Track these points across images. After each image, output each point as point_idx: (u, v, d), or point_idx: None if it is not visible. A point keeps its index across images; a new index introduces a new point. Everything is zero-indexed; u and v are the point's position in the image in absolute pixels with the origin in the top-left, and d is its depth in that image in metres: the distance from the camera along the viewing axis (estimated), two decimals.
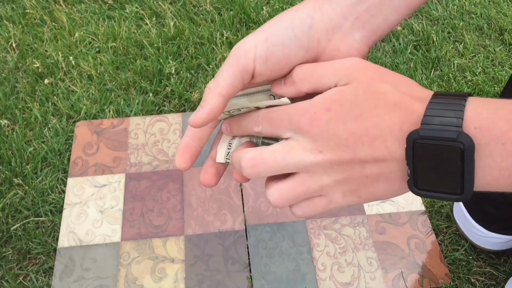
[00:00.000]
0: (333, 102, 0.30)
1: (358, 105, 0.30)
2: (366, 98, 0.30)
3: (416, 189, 0.30)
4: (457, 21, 1.27)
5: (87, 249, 0.85)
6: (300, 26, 0.33)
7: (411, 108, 0.29)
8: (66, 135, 1.00)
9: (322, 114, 0.30)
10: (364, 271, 0.84)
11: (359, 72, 0.31)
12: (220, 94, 0.32)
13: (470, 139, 0.27)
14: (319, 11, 0.34)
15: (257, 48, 0.33)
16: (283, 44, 0.33)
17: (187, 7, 1.27)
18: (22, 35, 1.18)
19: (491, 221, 0.82)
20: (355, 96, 0.30)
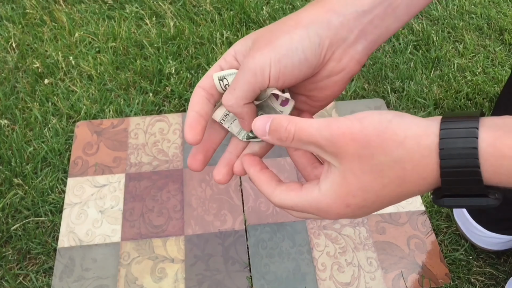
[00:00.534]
0: (346, 195, 0.32)
1: (368, 191, 0.31)
2: (369, 181, 0.31)
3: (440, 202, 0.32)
4: (457, 21, 1.27)
5: (87, 249, 0.85)
6: (310, 47, 0.34)
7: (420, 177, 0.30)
8: (66, 135, 1.00)
9: (345, 210, 0.32)
10: (364, 271, 0.84)
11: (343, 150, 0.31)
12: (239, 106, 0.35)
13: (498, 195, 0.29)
14: (326, 27, 0.34)
15: (271, 67, 0.34)
16: (294, 65, 0.34)
17: (187, 7, 1.27)
18: (22, 35, 1.18)
19: (491, 221, 0.82)
20: (358, 181, 0.31)
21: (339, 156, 0.31)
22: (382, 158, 0.30)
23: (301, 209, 0.34)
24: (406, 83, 1.11)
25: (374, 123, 0.30)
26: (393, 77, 1.13)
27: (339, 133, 0.30)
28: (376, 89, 1.11)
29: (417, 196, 0.93)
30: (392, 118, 0.30)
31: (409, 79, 1.13)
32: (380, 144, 0.29)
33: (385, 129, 0.30)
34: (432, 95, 1.09)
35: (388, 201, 0.32)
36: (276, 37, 0.34)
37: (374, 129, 0.30)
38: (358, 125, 0.30)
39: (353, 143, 0.30)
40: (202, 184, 0.94)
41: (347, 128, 0.30)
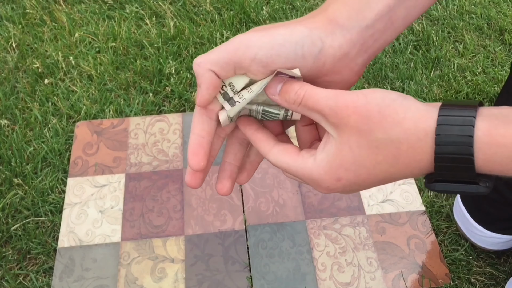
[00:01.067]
0: (338, 168, 0.32)
1: (361, 165, 0.31)
2: (363, 156, 0.31)
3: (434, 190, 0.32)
4: (457, 21, 1.27)
5: (87, 249, 0.85)
6: (311, 48, 0.33)
7: (414, 159, 0.30)
8: (66, 135, 1.00)
9: (335, 184, 0.33)
10: (364, 271, 0.84)
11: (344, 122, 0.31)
12: (209, 69, 0.33)
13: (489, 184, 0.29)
14: (330, 37, 0.34)
15: (260, 50, 0.32)
16: (288, 58, 0.33)
17: (187, 7, 1.27)
18: (22, 35, 1.18)
19: (491, 221, 0.82)
20: (353, 155, 0.31)
21: (339, 128, 0.31)
22: (379, 135, 0.30)
23: (294, 174, 0.35)
24: (406, 83, 1.11)
25: (378, 99, 0.30)
26: (393, 77, 1.13)
27: (344, 105, 0.31)
28: None
29: (416, 195, 0.93)
30: (396, 97, 0.30)
31: (409, 79, 1.13)
32: (380, 121, 0.30)
33: (387, 107, 0.30)
34: (432, 95, 1.09)
35: (378, 180, 0.32)
36: (275, 28, 0.33)
37: (376, 105, 0.30)
38: (363, 99, 0.31)
39: (355, 116, 0.30)
40: (202, 184, 0.94)
41: (352, 101, 0.31)
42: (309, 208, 0.92)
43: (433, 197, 0.94)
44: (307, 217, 0.91)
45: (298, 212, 0.91)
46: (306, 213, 0.91)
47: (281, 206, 0.92)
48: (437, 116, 0.29)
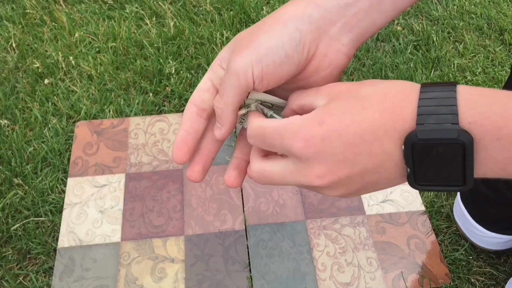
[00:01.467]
0: (324, 114, 0.31)
1: (347, 110, 0.30)
2: (351, 103, 0.31)
3: (417, 185, 0.31)
4: (457, 21, 1.27)
5: (87, 249, 0.85)
6: (290, 43, 0.34)
7: (399, 104, 0.30)
8: (66, 135, 1.00)
9: (316, 129, 0.30)
10: (364, 271, 0.84)
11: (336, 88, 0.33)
12: (232, 112, 0.35)
13: (469, 135, 0.28)
14: (307, 21, 0.34)
15: (253, 68, 0.33)
16: (275, 64, 0.34)
17: (187, 7, 1.27)
18: (22, 35, 1.18)
19: (491, 221, 0.82)
20: (340, 103, 0.31)
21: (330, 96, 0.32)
22: (369, 88, 0.31)
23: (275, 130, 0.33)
24: None
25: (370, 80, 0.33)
26: (393, 77, 1.13)
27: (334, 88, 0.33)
28: None
29: (416, 195, 0.93)
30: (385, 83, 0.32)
31: (409, 79, 1.12)
32: (370, 82, 0.32)
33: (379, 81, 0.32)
34: None
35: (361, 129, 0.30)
36: (256, 37, 0.34)
37: (369, 81, 0.32)
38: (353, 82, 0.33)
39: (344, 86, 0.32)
40: (202, 184, 0.94)
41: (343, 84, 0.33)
42: (309, 208, 0.92)
43: (433, 197, 0.94)
44: (307, 217, 0.91)
45: (298, 212, 0.91)
46: (306, 213, 0.91)
47: (281, 206, 0.92)
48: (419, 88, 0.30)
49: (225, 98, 0.35)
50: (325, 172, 0.31)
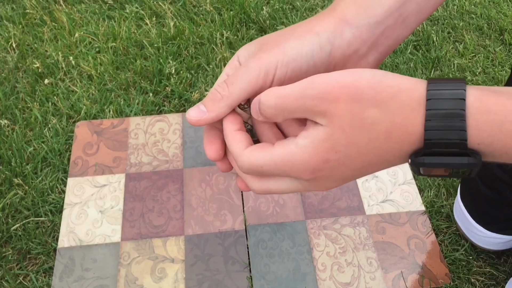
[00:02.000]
0: (328, 151, 0.30)
1: (353, 144, 0.29)
2: (357, 135, 0.29)
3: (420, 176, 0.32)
4: (457, 21, 1.27)
5: (87, 249, 0.85)
6: (320, 54, 0.33)
7: (406, 131, 0.29)
8: (66, 135, 1.00)
9: (322, 166, 0.30)
10: (364, 271, 0.84)
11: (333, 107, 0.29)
12: (230, 105, 0.33)
13: (478, 156, 0.28)
14: (339, 37, 0.33)
15: (277, 70, 0.32)
16: (301, 71, 0.33)
17: (187, 7, 1.27)
18: (22, 35, 1.18)
19: (491, 221, 0.82)
20: (346, 137, 0.29)
21: (329, 113, 0.29)
22: (374, 111, 0.28)
23: (272, 167, 0.31)
24: None
25: (367, 77, 0.29)
26: None
27: (328, 88, 0.29)
28: None
29: (416, 195, 0.93)
30: (385, 73, 0.29)
31: None
32: (373, 97, 0.28)
33: (379, 82, 0.29)
34: None
35: (367, 161, 0.30)
36: (286, 40, 0.33)
37: (367, 82, 0.28)
38: (349, 77, 0.29)
39: (344, 96, 0.28)
40: (202, 184, 0.94)
41: (337, 81, 0.29)
42: (309, 208, 0.92)
43: (433, 197, 0.94)
44: (307, 217, 0.91)
45: (298, 212, 0.91)
46: (306, 213, 0.91)
47: (281, 206, 0.92)
48: (426, 84, 0.29)
49: (232, 89, 0.32)
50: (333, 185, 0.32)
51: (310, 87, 0.29)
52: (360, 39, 0.34)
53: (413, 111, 0.28)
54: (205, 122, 0.33)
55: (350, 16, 0.34)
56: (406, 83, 0.29)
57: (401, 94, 0.28)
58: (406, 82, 0.29)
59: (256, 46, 0.35)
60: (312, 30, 0.33)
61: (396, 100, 0.28)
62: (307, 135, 0.30)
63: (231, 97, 0.33)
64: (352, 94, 0.28)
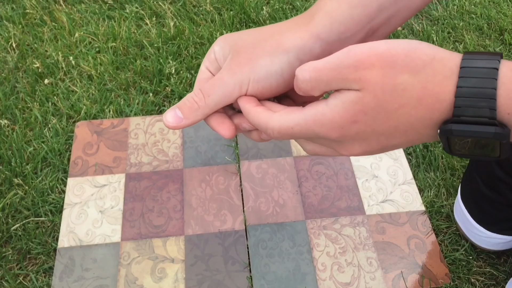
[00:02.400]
0: (357, 113, 0.30)
1: (382, 108, 0.30)
2: (387, 100, 0.29)
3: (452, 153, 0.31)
4: (457, 21, 1.27)
5: (87, 249, 0.85)
6: (288, 71, 0.35)
7: (437, 98, 0.29)
8: (66, 135, 1.00)
9: (350, 127, 0.31)
10: (364, 271, 0.84)
11: (367, 73, 0.29)
12: (206, 114, 0.36)
13: (506, 129, 0.27)
14: (308, 53, 0.35)
15: (249, 85, 0.35)
16: (271, 86, 0.35)
17: (187, 7, 1.27)
18: (22, 35, 1.18)
19: (491, 221, 0.82)
20: (376, 101, 0.29)
21: (362, 79, 0.29)
22: (406, 77, 0.29)
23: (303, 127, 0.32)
24: None
25: (402, 44, 0.29)
26: None
27: (363, 56, 0.29)
28: None
29: (416, 195, 0.93)
30: (421, 42, 0.29)
31: None
32: (407, 63, 0.29)
33: (414, 49, 0.29)
34: None
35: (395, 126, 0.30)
36: (257, 57, 0.35)
37: (402, 49, 0.29)
38: (384, 45, 0.29)
39: (379, 63, 0.29)
40: (202, 184, 0.94)
41: (371, 49, 0.29)
42: (309, 208, 0.92)
43: (433, 197, 0.94)
44: (307, 217, 0.91)
45: (298, 212, 0.91)
46: (306, 213, 0.91)
47: (281, 206, 0.92)
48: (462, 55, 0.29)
49: (209, 101, 0.36)
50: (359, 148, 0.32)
51: (346, 57, 0.30)
52: (330, 53, 0.34)
53: (446, 79, 0.28)
54: (182, 127, 0.36)
55: (322, 31, 0.35)
56: (442, 53, 0.29)
57: (435, 62, 0.29)
58: (442, 52, 0.29)
59: (231, 50, 0.36)
60: (282, 47, 0.35)
61: (430, 68, 0.29)
62: (338, 96, 0.31)
63: (207, 108, 0.36)
64: (386, 61, 0.29)
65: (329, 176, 0.96)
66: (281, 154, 0.99)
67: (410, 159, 1.00)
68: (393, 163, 0.99)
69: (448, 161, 0.98)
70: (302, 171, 0.97)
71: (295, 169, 0.97)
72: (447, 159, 0.99)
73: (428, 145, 1.01)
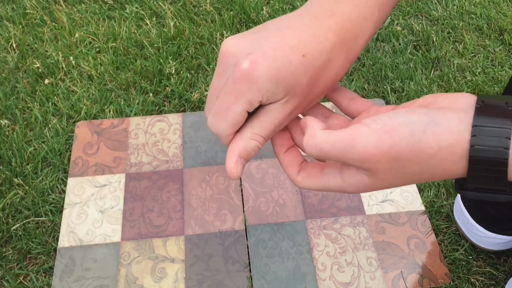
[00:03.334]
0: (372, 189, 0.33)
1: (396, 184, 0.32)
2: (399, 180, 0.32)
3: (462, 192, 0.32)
4: (457, 21, 1.27)
5: (87, 249, 0.85)
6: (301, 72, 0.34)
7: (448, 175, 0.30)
8: (66, 135, 1.00)
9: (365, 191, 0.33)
10: (364, 271, 0.85)
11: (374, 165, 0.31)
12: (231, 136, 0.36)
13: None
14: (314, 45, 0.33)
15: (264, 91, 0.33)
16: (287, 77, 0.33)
17: (187, 7, 1.27)
18: (22, 35, 1.18)
19: (491, 222, 0.82)
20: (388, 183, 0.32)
21: (370, 170, 0.31)
22: (414, 168, 0.30)
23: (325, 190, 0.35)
24: (406, 83, 1.12)
25: (406, 137, 0.29)
26: (393, 77, 1.13)
27: (368, 154, 0.30)
28: (376, 89, 1.11)
29: (416, 195, 0.93)
30: (426, 127, 0.29)
31: (409, 79, 1.13)
32: (413, 158, 0.29)
33: (418, 143, 0.29)
34: None
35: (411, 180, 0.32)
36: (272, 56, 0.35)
37: (406, 144, 0.29)
38: (388, 140, 0.29)
39: (385, 159, 0.30)
40: (202, 184, 0.94)
41: (375, 147, 0.29)
42: (309, 208, 0.92)
43: (433, 197, 0.94)
44: (307, 217, 0.91)
45: (298, 212, 0.91)
46: (306, 213, 0.91)
47: (281, 206, 0.92)
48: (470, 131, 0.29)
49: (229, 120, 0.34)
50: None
51: (351, 152, 0.30)
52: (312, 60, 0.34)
53: (455, 164, 0.30)
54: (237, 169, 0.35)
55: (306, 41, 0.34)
56: (448, 139, 0.29)
57: (442, 152, 0.29)
58: (448, 136, 0.29)
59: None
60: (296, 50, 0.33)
61: (437, 159, 0.29)
62: (351, 174, 0.33)
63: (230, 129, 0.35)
64: (391, 157, 0.30)
65: None
66: None
67: None
68: None
69: None
70: None
71: None
72: None
73: None
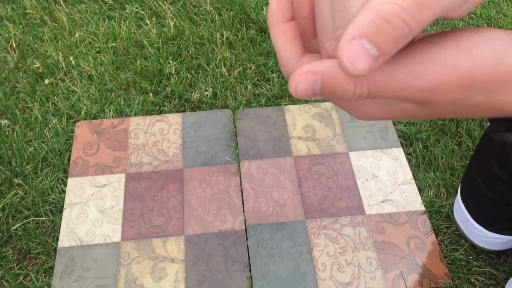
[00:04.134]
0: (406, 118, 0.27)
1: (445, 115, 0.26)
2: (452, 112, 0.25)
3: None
4: (457, 21, 1.27)
5: (87, 249, 0.85)
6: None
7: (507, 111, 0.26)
8: (66, 135, 1.00)
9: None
10: (364, 271, 0.85)
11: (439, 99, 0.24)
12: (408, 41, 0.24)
13: None
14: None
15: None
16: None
17: (187, 7, 1.27)
18: (22, 35, 1.18)
19: (491, 221, 0.82)
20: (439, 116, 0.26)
21: (431, 103, 0.24)
22: (480, 98, 0.24)
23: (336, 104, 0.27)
24: None
25: (488, 57, 0.23)
26: None
27: (443, 80, 0.23)
28: None
29: (416, 195, 0.93)
30: (507, 47, 0.23)
31: None
32: (486, 85, 0.24)
33: (499, 64, 0.23)
34: None
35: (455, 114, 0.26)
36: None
37: (487, 65, 0.23)
38: (468, 60, 0.23)
39: (457, 87, 0.23)
40: (202, 184, 0.94)
41: (454, 69, 0.23)
42: (309, 208, 0.92)
43: (433, 197, 0.94)
44: (307, 217, 0.91)
45: (298, 212, 0.91)
46: (306, 213, 0.91)
47: (281, 206, 0.92)
48: None
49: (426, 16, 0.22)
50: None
51: (421, 77, 0.23)
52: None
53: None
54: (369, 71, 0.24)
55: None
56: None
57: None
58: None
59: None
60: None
61: (510, 86, 0.24)
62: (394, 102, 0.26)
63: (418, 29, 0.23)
64: (464, 83, 0.23)
65: (329, 176, 0.96)
66: (281, 154, 0.99)
67: (410, 159, 1.00)
68: (393, 163, 0.99)
69: (448, 161, 0.98)
70: (302, 171, 0.97)
71: (295, 169, 0.97)
72: (447, 159, 0.99)
73: (428, 145, 1.01)
